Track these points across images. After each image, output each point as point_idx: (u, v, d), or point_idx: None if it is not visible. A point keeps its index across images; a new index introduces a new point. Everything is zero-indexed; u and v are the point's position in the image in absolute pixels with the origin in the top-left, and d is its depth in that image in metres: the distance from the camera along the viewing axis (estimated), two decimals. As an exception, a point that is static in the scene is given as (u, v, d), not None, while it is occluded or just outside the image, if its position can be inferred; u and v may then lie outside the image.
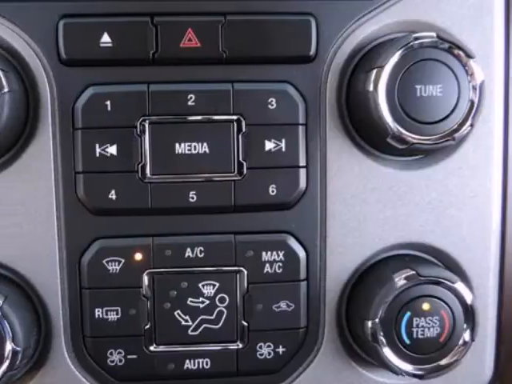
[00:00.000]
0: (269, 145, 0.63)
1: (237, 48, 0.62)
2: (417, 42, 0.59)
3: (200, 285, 0.64)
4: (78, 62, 0.62)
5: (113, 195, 0.62)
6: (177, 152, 0.62)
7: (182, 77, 0.62)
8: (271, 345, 0.65)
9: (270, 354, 0.65)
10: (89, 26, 0.61)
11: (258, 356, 0.65)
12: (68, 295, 0.63)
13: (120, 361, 0.64)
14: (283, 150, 0.63)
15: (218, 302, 0.64)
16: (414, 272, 0.61)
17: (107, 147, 0.62)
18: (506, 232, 0.67)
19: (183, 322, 0.64)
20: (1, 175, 0.62)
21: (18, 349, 0.59)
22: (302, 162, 0.63)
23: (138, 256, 0.63)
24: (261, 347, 0.65)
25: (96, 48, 0.61)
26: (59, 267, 0.63)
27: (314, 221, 0.64)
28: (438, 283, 0.61)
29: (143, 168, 0.62)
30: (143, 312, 0.63)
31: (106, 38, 0.61)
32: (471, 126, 0.60)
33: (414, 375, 0.61)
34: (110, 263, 0.63)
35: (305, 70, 0.63)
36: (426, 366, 0.61)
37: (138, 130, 0.62)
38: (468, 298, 0.61)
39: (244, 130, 0.62)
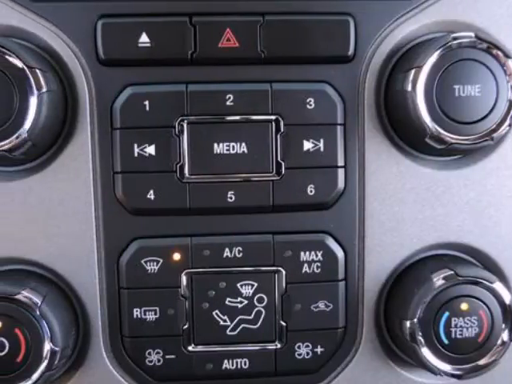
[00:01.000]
0: (307, 145, 0.63)
1: (275, 48, 0.62)
2: (455, 42, 0.59)
3: (238, 285, 0.64)
4: (116, 62, 0.62)
5: (151, 195, 0.62)
6: (215, 152, 0.62)
7: (221, 77, 0.62)
8: (309, 345, 0.64)
9: (308, 354, 0.65)
10: (127, 26, 0.61)
11: (297, 356, 0.65)
12: (106, 295, 0.63)
13: (158, 361, 0.64)
14: (321, 149, 0.63)
15: (256, 302, 0.64)
16: (452, 272, 0.61)
17: (145, 147, 0.62)
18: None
19: (221, 322, 0.64)
20: (39, 175, 0.62)
21: (57, 349, 0.59)
22: (341, 162, 0.63)
23: (177, 256, 0.63)
24: (299, 347, 0.64)
25: (134, 48, 0.61)
26: (97, 267, 0.63)
27: (352, 221, 0.64)
28: (476, 283, 0.61)
29: (181, 168, 0.62)
30: (181, 312, 0.63)
31: (144, 38, 0.61)
32: (509, 125, 0.60)
33: (453, 375, 0.61)
34: (148, 263, 0.63)
35: (343, 70, 0.63)
36: (464, 366, 0.61)
37: (177, 129, 0.62)
38: (506, 297, 0.61)
39: (282, 129, 0.62)
